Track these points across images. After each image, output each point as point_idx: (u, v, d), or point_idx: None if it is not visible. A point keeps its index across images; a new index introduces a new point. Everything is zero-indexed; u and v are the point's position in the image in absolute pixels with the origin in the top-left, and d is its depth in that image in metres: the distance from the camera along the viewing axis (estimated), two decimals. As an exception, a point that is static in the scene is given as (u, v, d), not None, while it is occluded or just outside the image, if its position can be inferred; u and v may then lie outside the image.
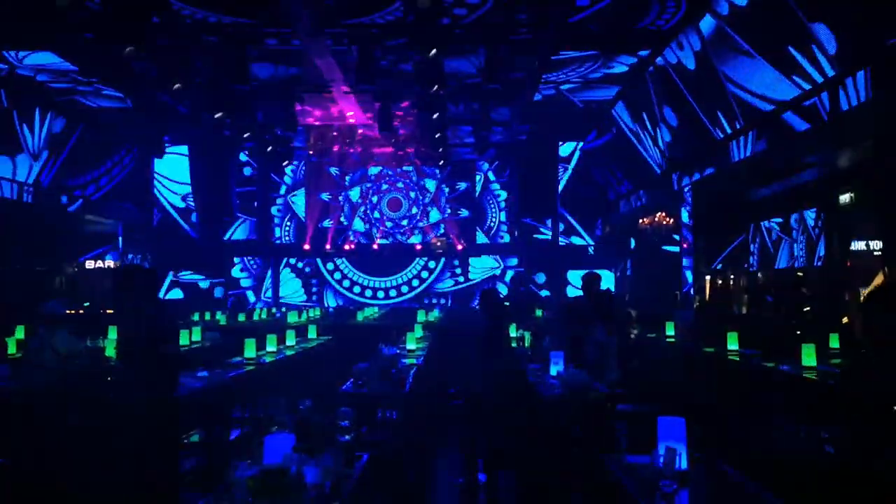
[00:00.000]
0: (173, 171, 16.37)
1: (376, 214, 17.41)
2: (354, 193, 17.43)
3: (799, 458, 5.66)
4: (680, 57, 9.02)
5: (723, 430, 6.71)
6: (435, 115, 10.62)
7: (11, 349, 6.93)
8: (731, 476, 2.97)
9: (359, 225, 17.36)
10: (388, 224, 17.35)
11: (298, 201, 17.44)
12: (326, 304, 16.97)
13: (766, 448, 6.15)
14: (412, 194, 17.42)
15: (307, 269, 17.32)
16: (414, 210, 17.38)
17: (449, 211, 17.34)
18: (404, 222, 17.40)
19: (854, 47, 6.09)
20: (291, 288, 17.34)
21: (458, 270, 17.30)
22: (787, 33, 6.69)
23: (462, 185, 17.35)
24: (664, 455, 2.71)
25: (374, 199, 17.45)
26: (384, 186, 17.47)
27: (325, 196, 17.29)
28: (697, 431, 3.12)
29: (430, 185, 17.39)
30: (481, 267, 17.25)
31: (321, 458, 2.74)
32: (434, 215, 17.32)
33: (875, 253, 8.78)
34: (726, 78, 8.22)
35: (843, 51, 6.19)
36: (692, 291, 11.30)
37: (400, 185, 17.45)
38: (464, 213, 17.34)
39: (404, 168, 17.20)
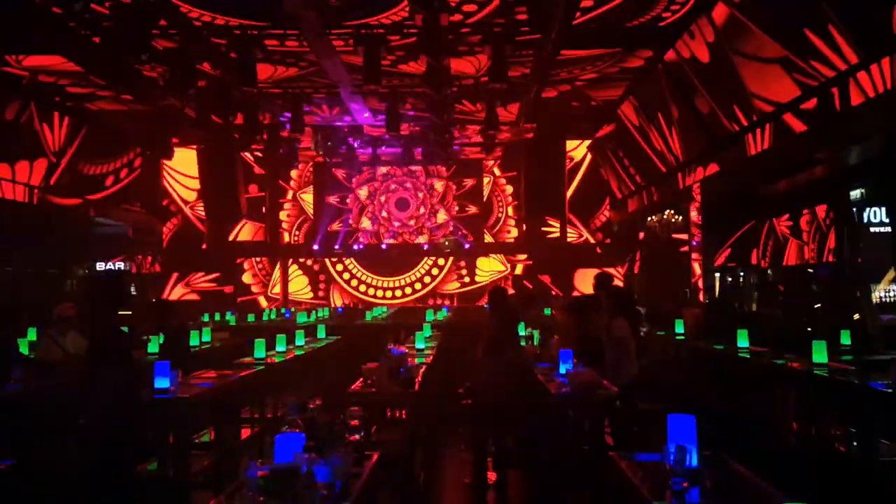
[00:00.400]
0: (188, 166, 16.45)
1: (384, 214, 17.43)
2: (363, 192, 17.45)
3: (810, 455, 5.64)
4: (692, 50, 8.94)
5: (734, 428, 6.69)
6: (443, 116, 10.63)
7: (23, 350, 6.99)
8: (742, 474, 2.95)
9: (366, 224, 17.39)
10: (396, 223, 17.37)
11: (307, 198, 17.51)
12: (332, 304, 17.02)
13: (778, 445, 6.13)
14: (420, 195, 17.43)
15: (315, 267, 17.40)
16: (421, 210, 17.39)
17: (457, 208, 17.35)
18: (411, 222, 17.42)
19: (871, 38, 6.02)
20: (298, 285, 17.40)
21: (465, 272, 17.29)
22: (803, 19, 6.60)
23: (469, 183, 17.36)
24: (674, 453, 2.70)
25: (382, 198, 17.47)
26: (392, 186, 17.49)
27: (332, 199, 17.36)
28: (708, 429, 3.11)
29: (438, 185, 17.38)
30: (488, 269, 17.23)
31: (331, 458, 2.75)
32: (441, 216, 17.31)
33: (879, 229, 8.72)
34: (738, 73, 8.15)
35: (859, 41, 6.12)
36: (702, 289, 11.26)
37: (408, 185, 17.47)
38: (470, 209, 17.35)
39: (412, 168, 17.22)
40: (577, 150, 16.37)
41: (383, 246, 17.10)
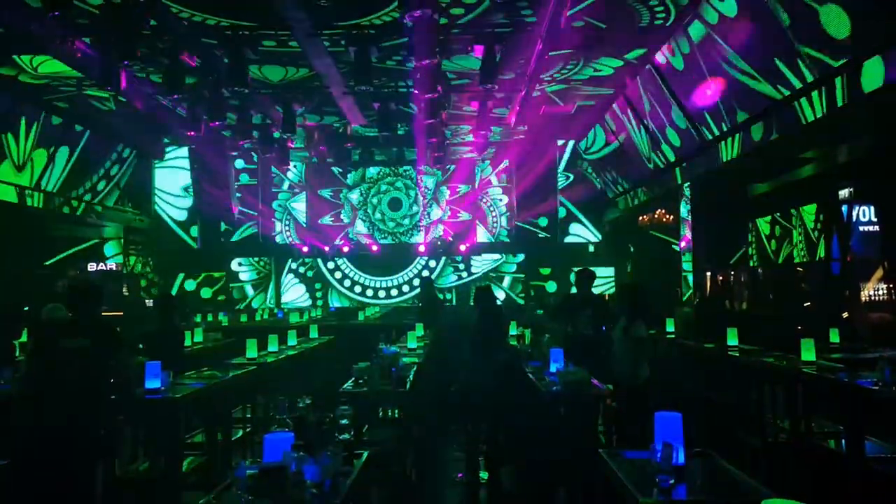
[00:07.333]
0: (172, 185, 16.43)
1: (377, 216, 17.38)
2: (354, 196, 17.38)
3: (798, 452, 5.68)
4: (678, 49, 8.99)
5: (721, 426, 6.74)
6: (434, 118, 10.60)
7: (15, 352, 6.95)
8: (729, 471, 2.98)
9: (360, 227, 17.33)
10: (390, 224, 17.33)
11: (297, 206, 17.44)
12: (332, 306, 16.95)
13: (764, 443, 6.17)
14: (412, 193, 17.41)
15: (309, 273, 17.28)
16: (415, 208, 17.37)
17: (449, 212, 17.31)
18: (405, 221, 17.38)
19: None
20: (295, 293, 17.27)
21: (462, 266, 17.23)
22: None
23: (463, 189, 17.34)
24: (661, 450, 2.73)
25: (374, 200, 17.43)
26: (384, 188, 17.45)
27: (326, 193, 17.26)
28: (695, 427, 3.14)
29: (430, 181, 17.33)
30: (482, 259, 17.15)
31: (321, 457, 2.76)
32: (434, 212, 17.27)
33: (868, 228, 8.79)
34: (723, 69, 8.19)
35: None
36: (692, 288, 11.31)
37: (399, 184, 17.44)
38: (464, 216, 17.30)
39: (404, 168, 17.21)
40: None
41: (374, 248, 16.98)
